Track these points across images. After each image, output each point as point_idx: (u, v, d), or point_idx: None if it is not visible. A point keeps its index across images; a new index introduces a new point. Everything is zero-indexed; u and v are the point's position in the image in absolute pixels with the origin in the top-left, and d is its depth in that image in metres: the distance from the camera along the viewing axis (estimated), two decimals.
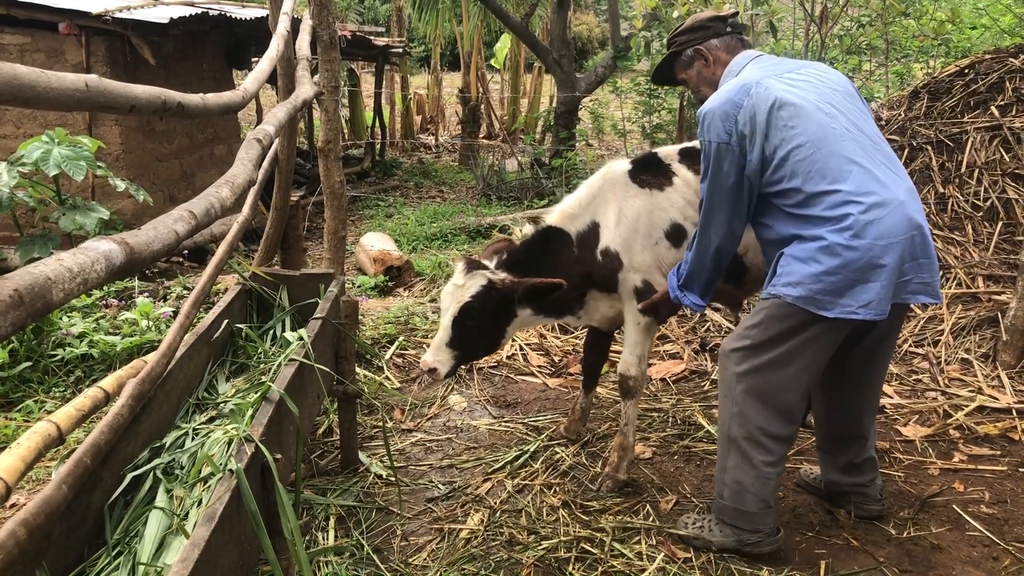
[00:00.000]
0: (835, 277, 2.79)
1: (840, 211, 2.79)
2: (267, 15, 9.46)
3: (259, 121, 12.89)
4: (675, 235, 3.57)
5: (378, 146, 15.57)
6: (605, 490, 3.70)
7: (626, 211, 3.57)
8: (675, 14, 6.92)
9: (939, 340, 5.04)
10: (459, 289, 3.47)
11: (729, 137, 2.93)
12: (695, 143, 3.68)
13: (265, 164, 3.89)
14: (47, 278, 1.19)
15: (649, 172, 3.64)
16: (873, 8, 6.99)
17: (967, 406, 4.35)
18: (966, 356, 4.89)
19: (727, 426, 3.12)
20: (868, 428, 3.34)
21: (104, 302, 5.54)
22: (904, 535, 3.32)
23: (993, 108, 6.00)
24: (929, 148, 6.05)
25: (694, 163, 3.60)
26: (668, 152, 3.73)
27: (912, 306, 4.83)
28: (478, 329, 3.49)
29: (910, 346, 5.10)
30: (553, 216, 3.69)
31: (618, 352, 5.22)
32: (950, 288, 5.37)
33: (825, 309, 2.83)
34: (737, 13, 3.38)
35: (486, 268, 3.54)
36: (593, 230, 3.61)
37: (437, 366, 3.44)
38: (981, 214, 5.67)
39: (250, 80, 2.69)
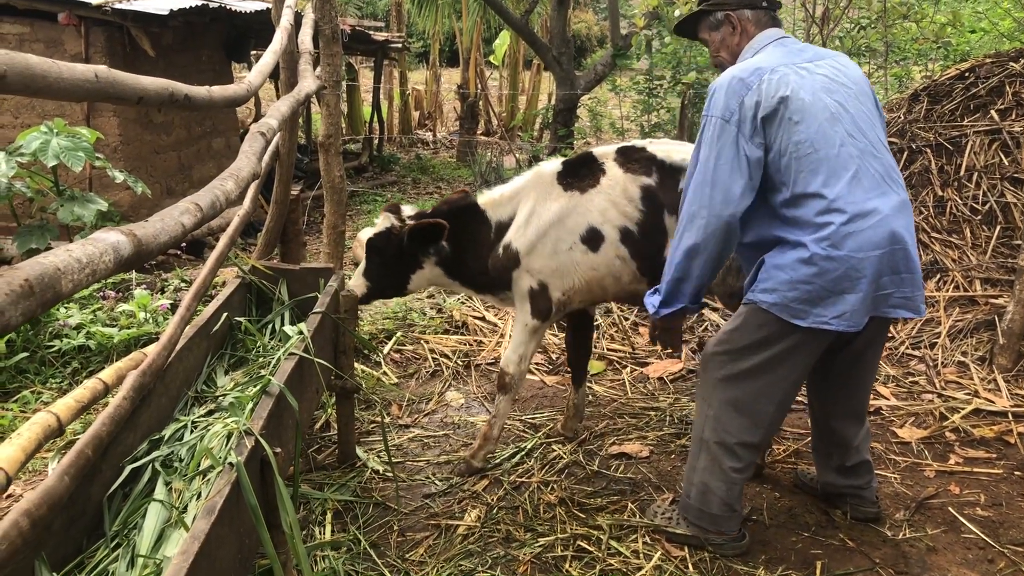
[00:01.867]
0: (810, 286, 2.79)
1: (823, 219, 2.77)
2: (267, 8, 9.46)
3: (257, 114, 12.86)
4: (592, 239, 3.53)
5: (376, 141, 15.55)
6: (457, 473, 3.83)
7: (541, 213, 3.57)
8: (676, 12, 6.92)
9: (936, 343, 5.06)
10: (372, 227, 3.80)
11: (731, 116, 2.86)
12: (635, 142, 3.69)
13: (265, 158, 3.89)
14: (57, 268, 1.18)
15: (577, 174, 3.61)
16: (874, 10, 7.00)
17: (963, 409, 4.37)
18: (963, 359, 4.91)
19: (701, 428, 3.16)
20: (853, 435, 3.33)
21: (102, 294, 5.53)
22: (900, 537, 3.33)
23: (993, 112, 6.01)
24: (928, 151, 6.06)
25: (628, 161, 3.58)
26: (604, 151, 3.67)
27: None
28: (383, 267, 3.80)
29: (907, 348, 5.11)
30: (483, 198, 3.76)
31: (619, 349, 5.23)
32: (947, 291, 5.39)
33: (799, 318, 2.83)
34: None
35: (398, 214, 3.77)
36: (508, 224, 3.67)
37: (354, 288, 3.79)
38: (979, 218, 5.68)
39: (254, 73, 2.68)
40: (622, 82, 12.79)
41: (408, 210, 3.82)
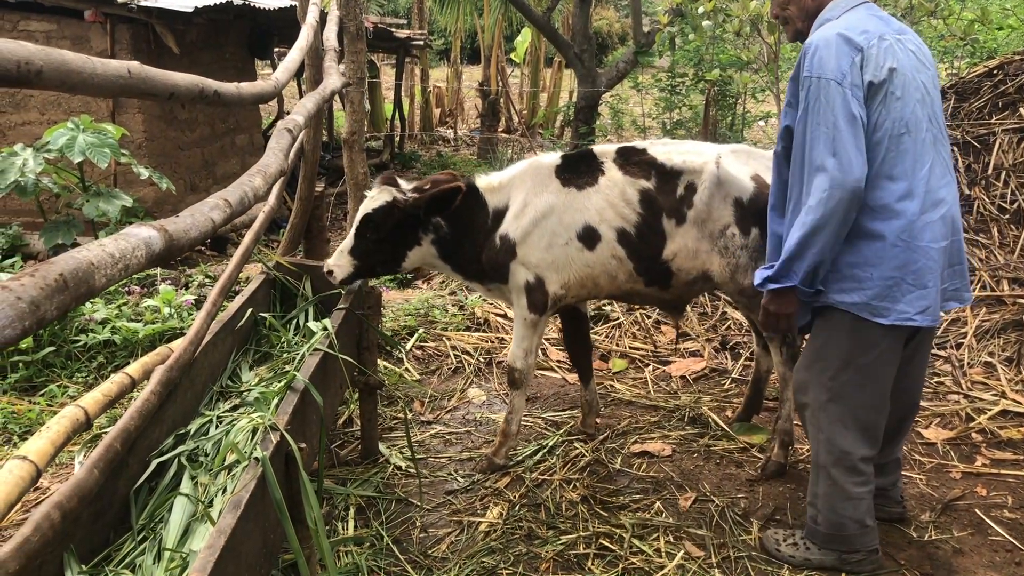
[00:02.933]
0: (891, 282, 2.70)
1: (901, 205, 2.67)
2: (290, 5, 9.50)
3: (280, 111, 12.92)
4: (588, 237, 3.51)
5: (397, 138, 15.58)
6: (480, 470, 3.81)
7: (536, 204, 3.54)
8: (699, 10, 6.88)
9: (962, 343, 5.00)
10: (367, 201, 3.58)
11: (843, 77, 2.65)
12: (636, 143, 3.66)
13: (291, 155, 3.90)
14: (90, 263, 1.19)
15: (575, 171, 3.59)
16: (900, 7, 6.93)
17: (990, 410, 4.32)
18: (989, 359, 4.85)
19: (816, 453, 3.04)
20: (905, 432, 3.30)
21: (127, 289, 5.58)
22: (925, 538, 3.30)
23: (1022, 109, 5.94)
24: (956, 149, 6.00)
25: (627, 163, 3.55)
26: (604, 150, 3.64)
27: None
28: (377, 243, 3.56)
29: (933, 348, 5.06)
30: (481, 181, 3.69)
31: (641, 347, 5.22)
32: (974, 291, 5.33)
33: (882, 316, 2.73)
34: None
35: (397, 187, 3.59)
36: (504, 212, 3.62)
37: (335, 269, 3.56)
38: (1007, 217, 5.62)
39: (281, 70, 2.70)
40: (644, 79, 12.74)
41: (405, 183, 3.67)
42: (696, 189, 3.47)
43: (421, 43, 15.64)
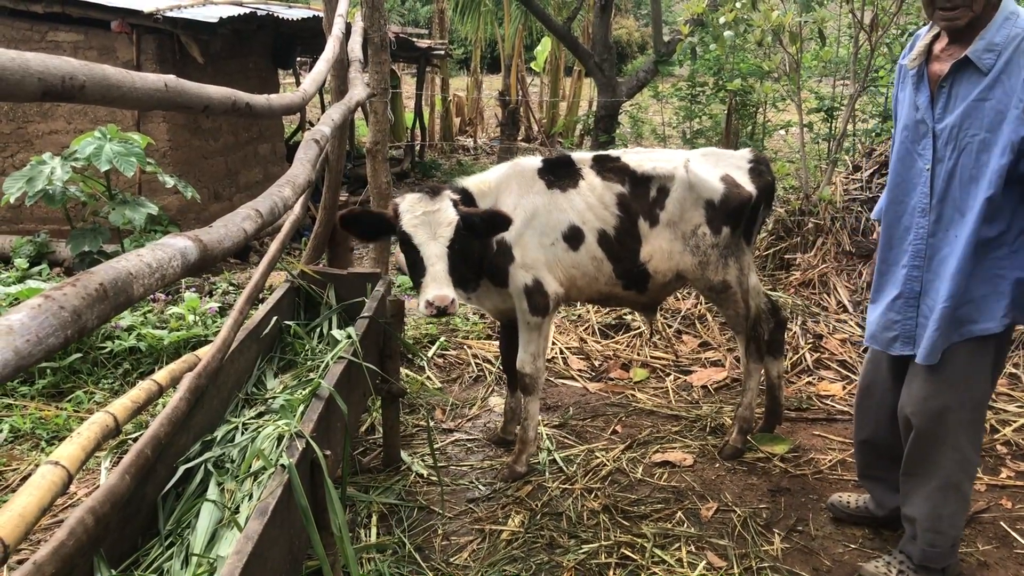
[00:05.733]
0: None
1: None
2: (313, 15, 9.59)
3: (302, 121, 13.01)
4: (573, 237, 3.62)
5: (418, 147, 15.65)
6: (501, 479, 3.82)
7: (525, 205, 3.60)
8: (721, 20, 6.89)
9: None
10: (436, 213, 3.27)
11: None
12: (611, 151, 3.83)
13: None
14: (129, 273, 1.22)
15: (557, 173, 3.70)
16: (923, 17, 6.90)
17: (1015, 421, 4.29)
18: (1014, 371, 4.82)
19: (948, 476, 2.94)
20: None
21: (152, 296, 5.64)
22: None
23: None
24: None
25: (603, 169, 3.70)
26: (582, 157, 3.78)
27: None
28: (463, 251, 3.32)
29: None
30: (471, 183, 3.69)
31: (662, 357, 5.22)
32: None
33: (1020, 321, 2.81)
34: None
35: (448, 191, 3.42)
36: None
37: (454, 296, 3.21)
38: None
39: (308, 82, 2.73)
40: (664, 88, 12.74)
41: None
42: (668, 192, 3.67)
43: (442, 52, 15.72)
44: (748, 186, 3.74)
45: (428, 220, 3.26)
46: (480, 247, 3.55)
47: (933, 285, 2.80)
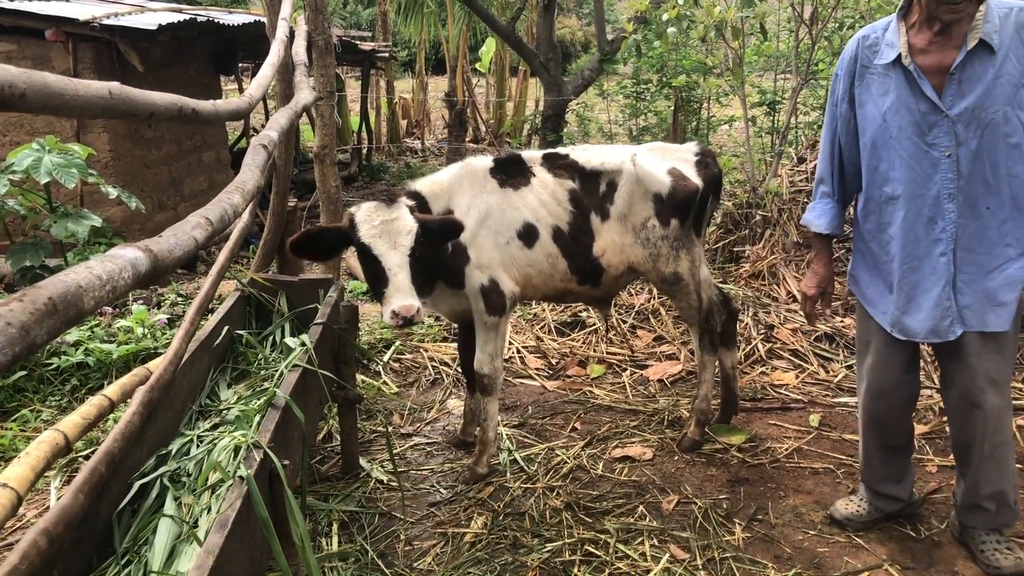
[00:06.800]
0: None
1: None
2: (254, 20, 9.46)
3: (245, 127, 12.85)
4: (527, 235, 3.65)
5: (365, 151, 15.56)
6: (462, 481, 3.81)
7: (478, 205, 3.62)
8: (664, 16, 6.95)
9: None
10: (395, 221, 3.18)
11: None
12: (559, 149, 3.88)
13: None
14: (79, 286, 1.18)
15: (509, 172, 3.72)
16: (860, 10, 7.04)
17: None
18: None
19: (1004, 432, 3.04)
20: None
21: (99, 310, 5.51)
22: (905, 532, 3.35)
23: None
24: None
25: (553, 166, 3.75)
26: (531, 156, 3.82)
27: None
28: (420, 256, 3.23)
29: None
30: (421, 186, 3.64)
31: (618, 352, 5.25)
32: None
33: None
34: None
35: (403, 197, 3.32)
36: None
37: (419, 305, 3.12)
38: None
39: (254, 86, 2.69)
40: (609, 86, 12.83)
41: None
42: (617, 187, 3.72)
43: (386, 55, 15.65)
44: (695, 178, 3.78)
45: (387, 229, 3.16)
46: (435, 250, 3.49)
47: (966, 259, 2.89)
